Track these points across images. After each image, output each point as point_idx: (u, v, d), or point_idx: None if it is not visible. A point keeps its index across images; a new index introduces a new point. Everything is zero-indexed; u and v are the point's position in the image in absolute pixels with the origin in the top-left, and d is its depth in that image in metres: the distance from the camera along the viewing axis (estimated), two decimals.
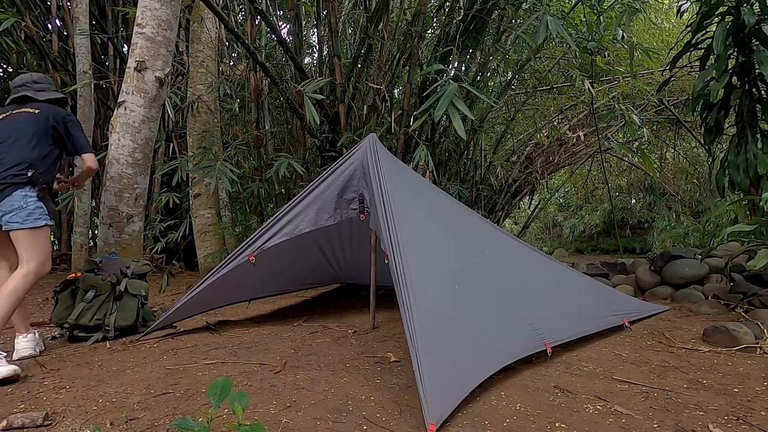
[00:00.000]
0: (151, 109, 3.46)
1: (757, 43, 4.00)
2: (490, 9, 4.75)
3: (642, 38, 7.03)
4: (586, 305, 2.91)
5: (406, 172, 3.08)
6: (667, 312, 3.37)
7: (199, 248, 5.29)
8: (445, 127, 5.48)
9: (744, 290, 3.45)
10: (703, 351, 2.49)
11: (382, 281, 3.18)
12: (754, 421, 1.64)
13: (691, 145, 9.43)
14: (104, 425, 1.63)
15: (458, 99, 3.15)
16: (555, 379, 2.08)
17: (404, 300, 1.94)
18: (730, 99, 4.23)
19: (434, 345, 1.84)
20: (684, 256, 3.97)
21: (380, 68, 4.88)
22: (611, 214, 11.70)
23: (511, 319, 2.33)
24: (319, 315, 3.55)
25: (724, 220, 7.11)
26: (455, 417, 1.66)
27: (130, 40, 3.58)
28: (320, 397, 1.87)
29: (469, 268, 2.49)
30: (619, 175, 11.46)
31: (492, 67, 6.01)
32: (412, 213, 2.50)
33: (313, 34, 6.80)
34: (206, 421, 1.24)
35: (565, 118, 7.45)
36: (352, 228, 3.49)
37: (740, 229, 3.15)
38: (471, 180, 6.73)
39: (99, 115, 6.67)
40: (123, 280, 2.96)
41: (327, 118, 4.80)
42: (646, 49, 4.81)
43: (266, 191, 5.15)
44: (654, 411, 1.74)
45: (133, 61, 3.41)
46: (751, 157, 4.03)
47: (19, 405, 1.83)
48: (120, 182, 3.36)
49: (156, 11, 3.45)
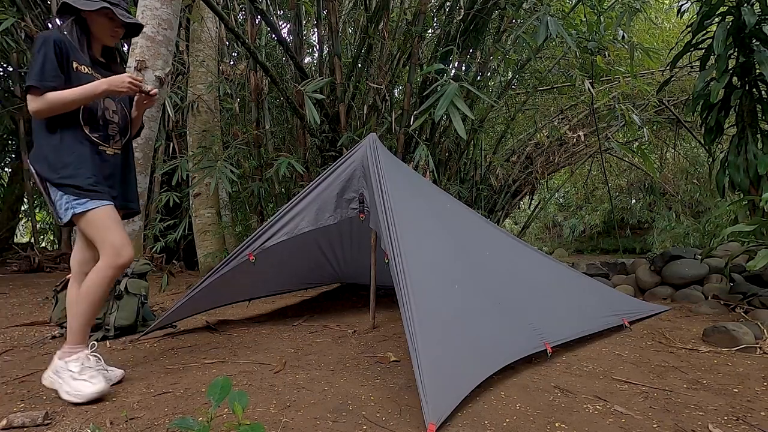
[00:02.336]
0: (151, 108, 3.46)
1: (757, 43, 4.00)
2: (490, 9, 4.75)
3: (642, 38, 7.04)
4: (586, 305, 2.91)
5: (406, 171, 3.08)
6: (667, 312, 3.37)
7: (199, 248, 5.29)
8: (445, 126, 5.48)
9: (744, 290, 3.45)
10: (703, 351, 2.49)
11: (382, 281, 3.18)
12: (754, 421, 1.64)
13: (691, 145, 9.43)
14: (104, 424, 1.63)
15: (458, 99, 3.15)
16: (555, 379, 2.08)
17: (404, 300, 1.94)
18: (730, 99, 4.23)
19: (434, 345, 1.84)
20: (684, 256, 3.97)
21: (380, 68, 4.87)
22: (611, 214, 11.71)
23: (511, 319, 2.33)
24: (319, 315, 3.55)
25: (724, 220, 7.12)
26: (455, 417, 1.66)
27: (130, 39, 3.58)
28: (320, 397, 1.87)
29: (469, 268, 2.49)
30: (619, 175, 11.47)
31: (492, 67, 6.01)
32: (412, 213, 2.50)
33: (313, 34, 6.81)
34: (206, 421, 1.24)
35: (565, 118, 7.46)
36: (352, 228, 3.49)
37: (740, 229, 3.15)
38: (471, 180, 6.73)
39: None
40: (123, 280, 2.96)
41: (327, 117, 4.80)
42: (647, 49, 4.81)
43: (266, 191, 5.15)
44: (654, 411, 1.74)
45: (134, 61, 3.42)
46: (752, 158, 4.03)
47: (19, 404, 1.83)
48: None
49: (156, 10, 3.45)
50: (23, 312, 3.69)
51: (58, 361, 1.85)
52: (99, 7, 1.91)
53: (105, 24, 1.98)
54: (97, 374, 1.84)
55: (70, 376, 1.81)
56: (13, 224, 8.52)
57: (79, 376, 1.81)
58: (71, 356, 1.85)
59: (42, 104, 1.77)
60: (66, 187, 1.84)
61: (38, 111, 1.78)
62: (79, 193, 1.85)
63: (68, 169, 1.84)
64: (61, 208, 1.87)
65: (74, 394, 1.78)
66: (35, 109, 1.77)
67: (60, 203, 1.86)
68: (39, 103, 1.77)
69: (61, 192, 1.85)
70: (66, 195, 1.85)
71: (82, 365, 1.84)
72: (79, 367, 1.83)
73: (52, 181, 1.85)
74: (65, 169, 1.84)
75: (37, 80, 1.75)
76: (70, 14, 1.94)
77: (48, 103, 1.78)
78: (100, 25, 1.97)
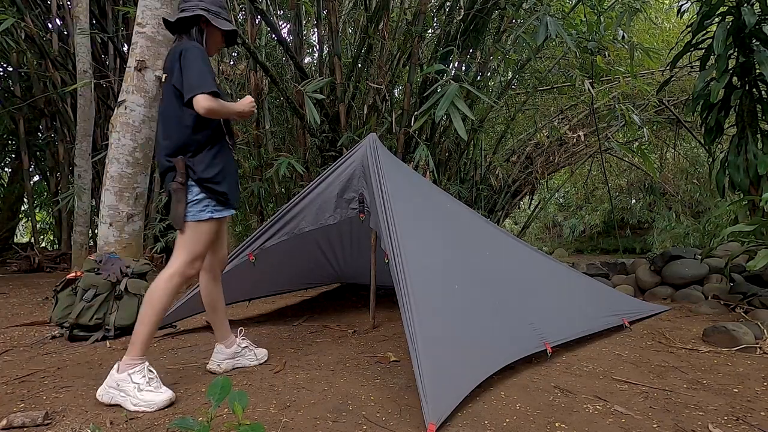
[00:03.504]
0: (151, 108, 3.46)
1: (757, 43, 4.00)
2: (490, 9, 4.75)
3: (642, 38, 7.03)
4: (586, 305, 2.91)
5: (406, 171, 3.08)
6: (667, 312, 3.37)
7: None
8: (446, 126, 5.48)
9: (744, 290, 3.45)
10: (703, 351, 2.49)
11: (382, 281, 3.18)
12: (754, 421, 1.64)
13: (691, 145, 9.42)
14: (104, 424, 1.63)
15: (459, 99, 3.16)
16: (555, 379, 2.08)
17: (404, 300, 1.94)
18: (730, 99, 4.23)
19: (434, 345, 1.84)
20: (684, 256, 3.97)
21: (380, 68, 4.87)
22: (611, 214, 11.70)
23: (511, 319, 2.33)
24: (319, 315, 3.55)
25: (724, 220, 7.11)
26: (455, 417, 1.66)
27: (130, 39, 3.58)
28: (320, 397, 1.87)
29: (469, 268, 2.49)
30: (619, 175, 11.46)
31: (492, 67, 6.01)
32: (412, 213, 2.50)
33: (313, 34, 6.80)
34: (206, 421, 1.24)
35: (565, 118, 7.45)
36: (352, 228, 3.48)
37: (740, 229, 3.15)
38: (471, 180, 6.73)
39: (99, 114, 6.66)
40: (123, 280, 2.96)
41: (327, 117, 4.80)
42: (647, 49, 4.81)
43: (266, 191, 5.15)
44: (654, 411, 1.74)
45: (134, 61, 3.41)
46: (751, 158, 4.03)
47: (19, 404, 1.83)
48: (120, 181, 3.36)
49: (156, 10, 3.45)
50: (23, 312, 3.69)
51: (117, 375, 1.82)
52: (232, 29, 2.12)
53: (218, 39, 2.14)
54: (159, 383, 1.85)
55: (135, 388, 1.78)
56: (13, 224, 8.52)
57: (146, 387, 1.79)
58: (134, 368, 1.82)
59: (217, 105, 1.89)
60: (214, 192, 1.96)
61: (214, 110, 1.89)
62: (222, 201, 1.99)
63: (219, 176, 1.97)
64: (196, 207, 1.94)
65: (145, 404, 1.76)
66: (212, 108, 1.88)
67: (199, 205, 1.95)
68: (215, 103, 1.88)
69: (204, 194, 1.95)
70: (208, 199, 1.96)
71: (146, 376, 1.82)
72: (145, 379, 1.81)
73: (203, 183, 1.94)
74: (218, 176, 1.97)
75: (212, 86, 1.89)
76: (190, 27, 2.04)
77: (219, 105, 1.90)
78: (215, 39, 2.12)
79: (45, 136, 7.70)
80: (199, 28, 2.04)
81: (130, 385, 1.78)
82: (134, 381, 1.79)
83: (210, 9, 2.03)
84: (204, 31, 2.06)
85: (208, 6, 2.03)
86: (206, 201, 1.95)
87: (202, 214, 1.94)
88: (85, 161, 5.62)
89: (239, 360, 2.27)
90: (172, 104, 1.96)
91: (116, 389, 1.80)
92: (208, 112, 1.87)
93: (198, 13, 2.00)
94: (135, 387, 1.78)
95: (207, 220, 1.96)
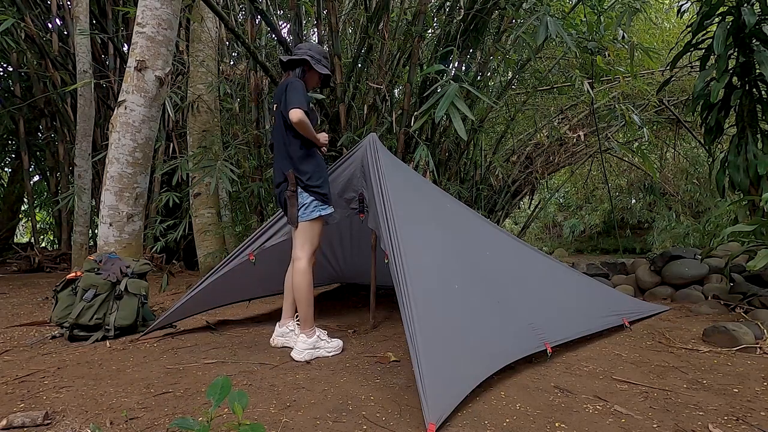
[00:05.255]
0: (151, 108, 3.46)
1: (757, 43, 4.00)
2: (490, 9, 4.75)
3: (642, 38, 7.03)
4: (586, 305, 2.91)
5: (406, 171, 3.08)
6: (667, 312, 3.37)
7: (199, 248, 5.29)
8: (446, 126, 5.47)
9: (744, 290, 3.44)
10: (703, 351, 2.49)
11: (382, 281, 3.18)
12: (754, 421, 1.64)
13: (691, 145, 9.43)
14: (104, 424, 1.63)
15: (459, 99, 3.15)
16: (555, 379, 2.08)
17: (404, 300, 1.94)
18: (730, 99, 4.22)
19: (434, 345, 1.84)
20: (684, 256, 3.97)
21: (380, 68, 4.87)
22: (611, 214, 11.71)
23: (511, 319, 2.33)
24: (319, 315, 3.55)
25: (724, 220, 7.12)
26: (455, 417, 1.66)
27: (130, 39, 3.58)
28: (320, 397, 1.87)
29: (469, 268, 2.49)
30: (619, 175, 11.46)
31: (492, 67, 6.00)
32: (412, 212, 2.50)
33: (313, 34, 6.81)
34: (206, 421, 1.24)
35: (565, 118, 7.45)
36: (352, 228, 3.49)
37: (740, 229, 3.15)
38: (471, 180, 6.72)
39: (99, 114, 6.67)
40: (123, 280, 2.96)
41: (327, 117, 4.80)
42: (647, 49, 4.80)
43: (266, 191, 5.15)
44: (654, 411, 1.74)
45: (134, 61, 3.41)
46: (751, 158, 4.03)
47: (19, 404, 1.83)
48: (120, 181, 3.36)
49: (156, 10, 3.45)
50: (23, 312, 3.69)
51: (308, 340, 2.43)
52: (327, 72, 2.63)
53: (316, 79, 2.66)
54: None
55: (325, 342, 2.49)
56: (13, 224, 8.52)
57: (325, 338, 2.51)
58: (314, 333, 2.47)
59: (306, 120, 2.37)
60: (320, 195, 2.47)
61: (303, 123, 2.36)
62: (325, 201, 2.50)
63: (320, 181, 2.49)
64: (308, 209, 2.46)
65: (335, 348, 2.50)
66: (303, 121, 2.35)
67: (309, 206, 2.46)
68: (305, 118, 2.36)
69: (312, 197, 2.46)
70: (315, 201, 2.46)
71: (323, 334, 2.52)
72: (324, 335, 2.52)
73: (309, 189, 2.45)
74: (320, 181, 2.49)
75: (306, 107, 2.39)
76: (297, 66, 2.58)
77: (308, 122, 2.39)
78: (313, 78, 2.65)
79: (45, 136, 7.70)
80: (303, 69, 2.58)
81: (321, 342, 2.47)
82: (321, 338, 2.48)
83: (314, 56, 2.58)
84: (306, 72, 2.59)
85: (313, 54, 2.59)
86: (314, 203, 2.46)
87: (313, 213, 2.46)
88: (85, 161, 5.63)
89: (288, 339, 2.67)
90: (281, 128, 2.50)
91: (312, 349, 2.42)
92: (298, 123, 2.35)
93: (304, 58, 2.56)
94: (324, 341, 2.48)
95: (317, 218, 2.47)
